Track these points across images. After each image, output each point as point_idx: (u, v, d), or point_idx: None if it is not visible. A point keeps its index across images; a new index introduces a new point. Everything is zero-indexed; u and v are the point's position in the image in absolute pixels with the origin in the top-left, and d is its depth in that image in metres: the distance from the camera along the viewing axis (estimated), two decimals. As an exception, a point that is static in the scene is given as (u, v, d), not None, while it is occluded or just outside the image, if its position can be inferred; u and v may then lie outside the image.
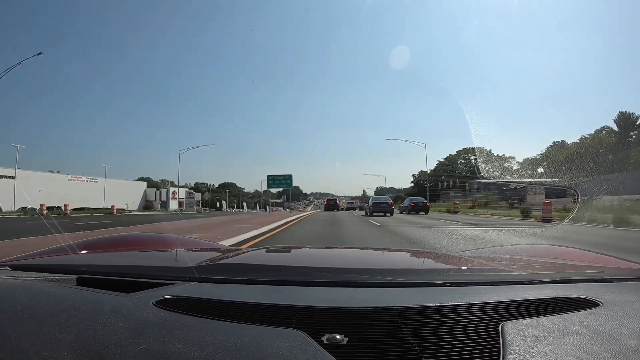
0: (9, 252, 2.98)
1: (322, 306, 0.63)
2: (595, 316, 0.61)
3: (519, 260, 1.22)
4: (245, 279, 0.81)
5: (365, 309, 0.63)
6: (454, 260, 1.20)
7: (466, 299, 0.68)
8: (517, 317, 0.60)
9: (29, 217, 21.74)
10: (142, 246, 1.40)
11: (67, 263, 1.01)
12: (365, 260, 1.33)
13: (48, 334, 0.49)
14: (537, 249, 1.54)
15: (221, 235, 7.74)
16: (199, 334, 0.52)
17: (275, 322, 0.57)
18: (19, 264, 0.95)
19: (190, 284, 0.76)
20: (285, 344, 0.50)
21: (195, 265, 0.88)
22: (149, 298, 0.63)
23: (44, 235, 7.09)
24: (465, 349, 0.52)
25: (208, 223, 13.19)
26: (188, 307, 0.61)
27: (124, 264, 1.07)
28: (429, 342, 0.54)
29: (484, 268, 1.04)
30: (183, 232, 7.13)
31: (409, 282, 0.81)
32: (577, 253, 1.33)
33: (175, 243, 1.49)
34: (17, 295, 0.64)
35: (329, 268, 1.04)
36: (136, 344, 0.48)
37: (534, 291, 0.75)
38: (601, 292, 0.73)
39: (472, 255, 1.31)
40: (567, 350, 0.50)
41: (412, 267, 1.16)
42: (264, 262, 1.18)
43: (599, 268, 1.08)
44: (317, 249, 1.74)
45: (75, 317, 0.55)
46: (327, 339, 0.53)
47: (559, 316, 0.61)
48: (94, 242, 1.38)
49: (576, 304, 0.67)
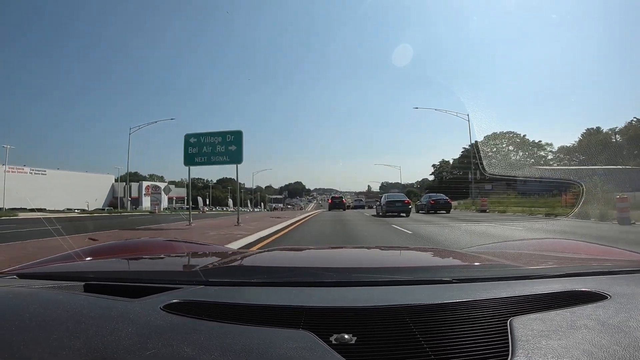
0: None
1: (329, 306, 0.64)
2: (603, 309, 0.61)
3: (526, 255, 1.21)
4: (251, 281, 0.81)
5: (373, 308, 0.63)
6: (461, 257, 1.20)
7: (474, 295, 0.68)
8: (525, 312, 0.60)
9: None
10: (148, 251, 1.41)
11: (74, 270, 1.02)
12: (372, 259, 1.33)
13: (57, 341, 0.50)
14: (543, 243, 1.54)
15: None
16: (207, 337, 0.52)
17: (283, 324, 0.57)
18: (26, 272, 0.95)
19: (197, 287, 0.76)
20: (294, 345, 0.50)
21: (201, 268, 0.89)
22: (156, 303, 0.64)
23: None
24: (474, 345, 0.52)
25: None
26: (196, 311, 0.61)
27: (130, 269, 1.07)
28: (438, 339, 0.53)
29: (490, 264, 1.04)
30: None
31: (417, 280, 0.81)
32: (584, 246, 1.32)
33: (181, 247, 1.49)
34: (25, 303, 0.64)
35: (336, 268, 1.04)
36: (145, 349, 0.48)
37: (541, 285, 0.74)
38: (609, 285, 0.73)
39: (479, 251, 1.30)
40: (575, 344, 0.50)
41: (419, 264, 1.16)
42: (270, 263, 1.18)
43: (606, 261, 1.08)
44: (324, 250, 1.74)
45: (84, 323, 0.55)
46: (335, 339, 0.53)
47: (567, 310, 0.61)
48: (100, 248, 1.39)
49: (584, 297, 0.67)
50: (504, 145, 56.50)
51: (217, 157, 11.81)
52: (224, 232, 8.92)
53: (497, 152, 53.19)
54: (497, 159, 33.97)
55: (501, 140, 56.28)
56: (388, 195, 21.03)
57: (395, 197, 19.88)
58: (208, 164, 11.93)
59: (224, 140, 11.81)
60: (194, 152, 11.89)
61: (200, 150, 11.89)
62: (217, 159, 11.81)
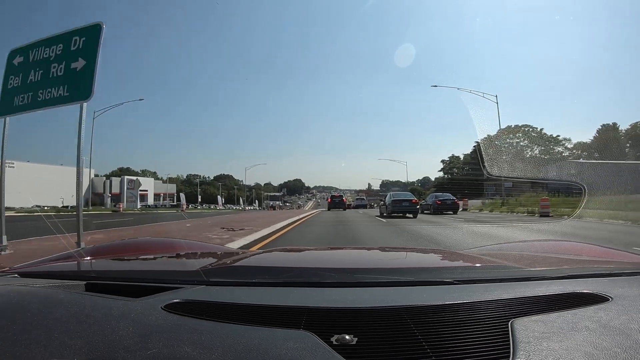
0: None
1: (331, 307, 0.64)
2: (605, 311, 0.61)
3: (528, 257, 1.21)
4: (253, 281, 0.81)
5: (374, 308, 0.63)
6: (462, 258, 1.20)
7: (475, 296, 0.68)
8: (526, 314, 0.60)
9: None
10: (150, 251, 1.41)
11: (75, 269, 1.02)
12: (373, 260, 1.33)
13: (58, 340, 0.50)
14: (545, 244, 1.54)
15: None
16: (207, 337, 0.52)
17: (284, 324, 0.57)
18: (28, 271, 0.95)
19: (199, 287, 0.76)
20: (295, 345, 0.50)
21: (202, 268, 0.89)
22: (157, 302, 0.64)
23: None
24: (475, 346, 0.52)
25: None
26: (196, 311, 0.61)
27: (132, 269, 1.07)
28: (439, 340, 0.53)
29: (492, 265, 1.04)
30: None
31: (418, 281, 0.81)
32: (586, 248, 1.32)
33: (182, 247, 1.50)
34: (27, 302, 0.64)
35: (337, 269, 1.04)
36: (146, 349, 0.48)
37: (542, 287, 0.74)
38: (610, 287, 0.72)
39: (480, 253, 1.30)
40: (577, 346, 0.50)
41: (420, 265, 1.16)
42: (271, 263, 1.18)
43: (608, 262, 1.08)
44: (325, 250, 1.75)
45: (85, 322, 0.56)
46: (336, 339, 0.53)
47: (568, 312, 0.61)
48: (101, 248, 1.40)
49: (585, 299, 0.67)
50: (516, 140, 52.83)
51: (49, 90, 5.40)
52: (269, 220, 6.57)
53: (509, 148, 48.76)
54: (508, 157, 28.70)
55: (515, 135, 52.61)
56: (394, 193, 18.84)
57: (401, 196, 17.89)
58: (34, 107, 5.57)
59: (65, 54, 5.41)
60: (16, 85, 5.73)
61: (25, 82, 5.65)
62: (49, 93, 5.39)
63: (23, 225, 13.23)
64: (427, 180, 77.97)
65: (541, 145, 52.26)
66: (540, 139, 52.89)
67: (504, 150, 31.79)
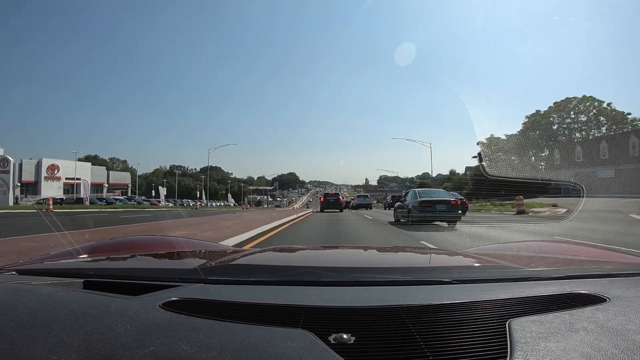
0: None
1: (328, 306, 0.64)
2: (602, 312, 0.61)
3: (525, 257, 1.22)
4: (251, 280, 0.81)
5: (372, 307, 0.63)
6: (460, 258, 1.20)
7: (473, 296, 0.68)
8: (524, 314, 0.60)
9: None
10: (148, 249, 1.41)
11: (73, 267, 1.01)
12: (371, 259, 1.33)
13: (55, 338, 0.50)
14: (543, 245, 1.54)
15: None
16: (205, 335, 0.52)
17: (282, 323, 0.57)
18: (26, 269, 0.95)
19: (196, 285, 0.76)
20: (292, 344, 0.50)
21: (200, 266, 0.89)
22: (155, 300, 0.64)
23: None
24: (473, 346, 0.52)
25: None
26: (194, 309, 0.61)
27: (129, 266, 1.07)
28: (436, 340, 0.54)
29: (490, 265, 1.04)
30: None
31: (416, 281, 0.81)
32: (584, 249, 1.33)
33: (180, 245, 1.49)
34: (24, 299, 0.64)
35: (335, 267, 1.04)
36: (143, 347, 0.48)
37: (540, 288, 0.74)
38: (608, 288, 0.73)
39: (478, 253, 1.30)
40: (574, 346, 0.50)
41: (418, 265, 1.16)
42: (269, 262, 1.18)
43: (606, 263, 1.08)
44: (323, 249, 1.75)
45: (82, 320, 0.56)
46: (334, 338, 0.53)
47: (565, 312, 0.61)
48: (99, 245, 1.39)
49: (583, 300, 0.67)
50: (572, 115, 43.76)
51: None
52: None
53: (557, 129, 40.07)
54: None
55: (567, 113, 43.75)
56: (421, 191, 12.44)
57: (434, 195, 11.89)
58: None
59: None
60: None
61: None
62: None
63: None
64: (427, 175, 76.43)
65: (610, 121, 44.55)
66: (604, 112, 45.00)
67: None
